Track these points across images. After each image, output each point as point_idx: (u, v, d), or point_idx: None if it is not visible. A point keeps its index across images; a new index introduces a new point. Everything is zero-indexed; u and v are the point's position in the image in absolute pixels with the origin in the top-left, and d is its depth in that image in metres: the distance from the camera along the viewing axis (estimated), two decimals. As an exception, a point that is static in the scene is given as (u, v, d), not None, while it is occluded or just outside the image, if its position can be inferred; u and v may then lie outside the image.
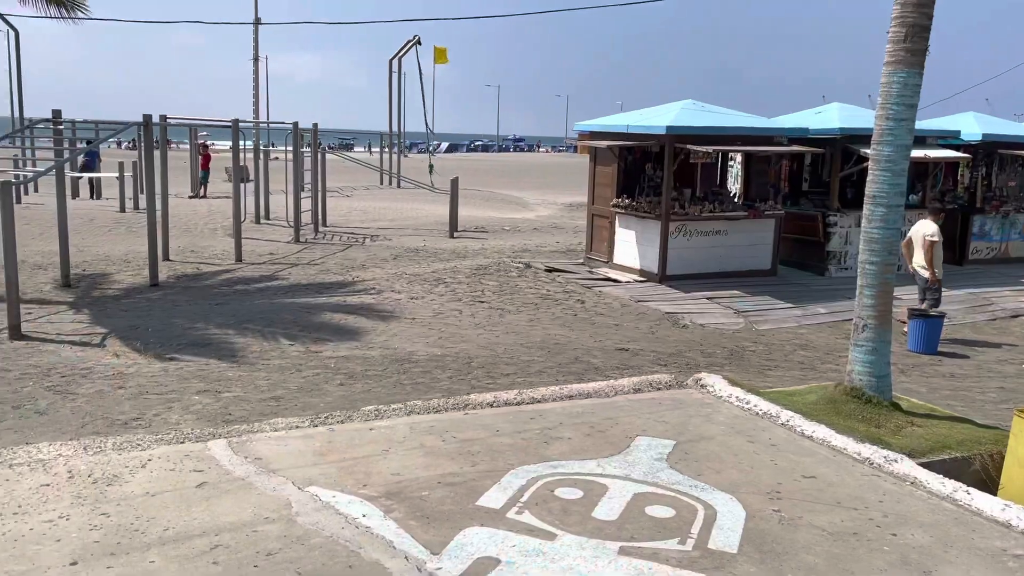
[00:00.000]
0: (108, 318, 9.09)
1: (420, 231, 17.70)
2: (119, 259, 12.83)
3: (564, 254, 14.78)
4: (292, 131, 15.68)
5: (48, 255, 12.27)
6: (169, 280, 11.44)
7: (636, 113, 13.28)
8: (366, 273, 12.39)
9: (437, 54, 33.99)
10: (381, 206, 22.34)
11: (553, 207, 25.91)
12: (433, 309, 10.09)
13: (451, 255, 14.41)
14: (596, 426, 4.67)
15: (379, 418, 4.59)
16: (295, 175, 15.73)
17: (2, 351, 7.58)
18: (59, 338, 8.14)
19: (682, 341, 9.24)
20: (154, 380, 6.92)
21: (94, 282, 11.25)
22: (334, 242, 15.76)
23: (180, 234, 14.91)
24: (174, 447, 4.03)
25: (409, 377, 7.42)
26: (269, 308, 9.85)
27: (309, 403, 6.57)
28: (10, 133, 10.29)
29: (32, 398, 6.25)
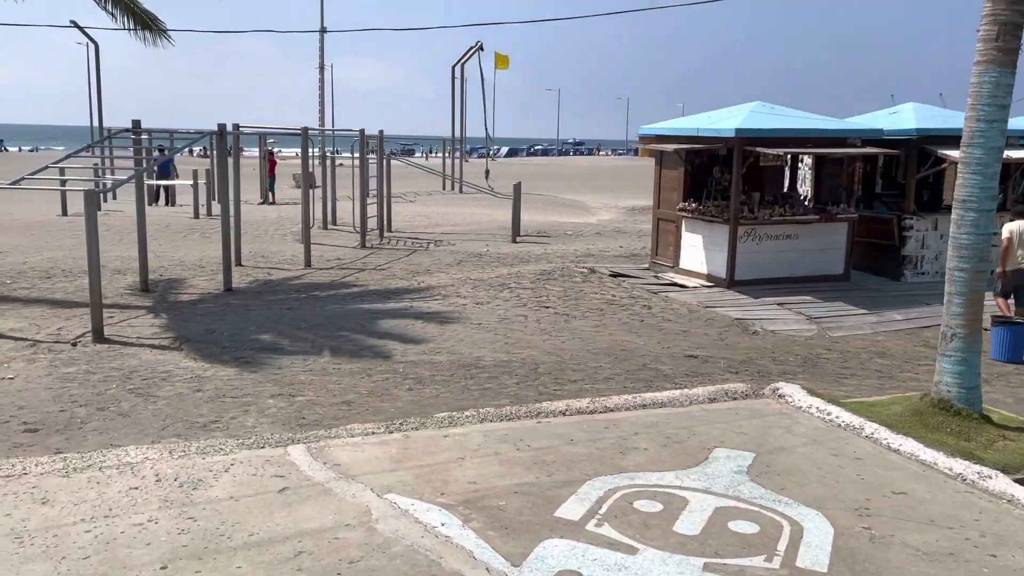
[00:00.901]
0: (185, 322, 9.34)
1: (482, 236, 17.76)
2: (194, 264, 13.19)
3: (628, 259, 14.64)
4: (359, 138, 15.91)
5: (127, 260, 12.69)
6: (242, 285, 11.70)
7: (703, 116, 13.08)
8: (431, 278, 12.47)
9: (498, 60, 34.16)
10: (444, 211, 22.51)
11: (615, 211, 25.74)
12: (498, 314, 10.09)
13: (514, 260, 14.42)
14: (672, 436, 4.58)
15: (453, 425, 4.59)
16: (362, 181, 15.95)
17: (86, 354, 7.85)
18: (139, 342, 8.39)
19: (753, 348, 9.04)
20: (230, 384, 7.07)
21: (170, 287, 11.59)
22: (399, 247, 15.92)
23: (251, 240, 15.27)
24: (255, 452, 4.10)
25: (476, 383, 7.42)
26: (339, 313, 9.99)
27: (380, 408, 6.62)
28: (94, 143, 10.69)
29: (115, 400, 6.45)
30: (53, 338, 8.41)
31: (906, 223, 12.74)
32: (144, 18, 11.99)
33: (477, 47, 29.11)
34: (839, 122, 12.95)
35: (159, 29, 12.19)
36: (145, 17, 11.99)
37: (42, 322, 9.10)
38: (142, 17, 11.97)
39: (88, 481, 3.61)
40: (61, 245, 14.51)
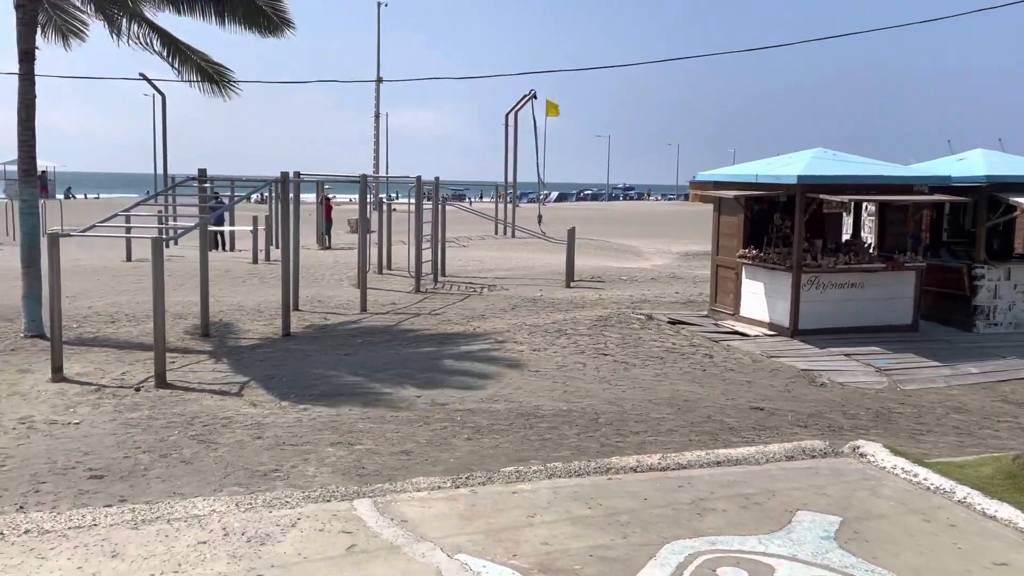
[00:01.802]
0: (245, 367, 9.39)
1: (536, 281, 17.69)
2: (252, 309, 13.35)
3: (685, 305, 14.39)
4: (415, 184, 16.07)
5: (187, 305, 12.90)
6: (299, 330, 11.78)
7: (763, 162, 12.90)
8: (486, 324, 12.40)
9: (549, 107, 34.48)
10: (496, 255, 22.55)
11: (668, 256, 25.50)
12: (556, 362, 9.94)
13: (569, 305, 14.28)
14: (751, 497, 4.37)
15: (520, 480, 4.45)
16: (416, 226, 16.07)
17: (149, 399, 7.91)
18: (200, 387, 8.45)
19: (821, 401, 8.72)
20: (289, 431, 7.03)
21: (230, 331, 11.72)
22: (453, 292, 15.93)
23: (308, 284, 15.44)
24: (321, 505, 4.01)
25: (536, 433, 7.26)
26: (395, 359, 9.95)
27: (439, 458, 6.50)
28: (161, 191, 11.00)
29: (178, 447, 6.45)
30: (117, 383, 8.52)
31: (977, 272, 12.29)
32: (209, 71, 12.35)
33: (530, 95, 29.45)
34: (905, 168, 12.64)
35: (226, 81, 12.54)
36: (211, 71, 12.36)
37: (107, 367, 9.24)
38: (208, 71, 12.34)
39: (157, 534, 3.56)
40: (125, 290, 14.85)
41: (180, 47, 11.93)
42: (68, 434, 6.64)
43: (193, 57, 12.16)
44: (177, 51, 11.99)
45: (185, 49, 11.90)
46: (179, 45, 11.89)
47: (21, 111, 10.67)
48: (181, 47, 11.93)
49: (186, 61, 12.18)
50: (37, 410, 7.38)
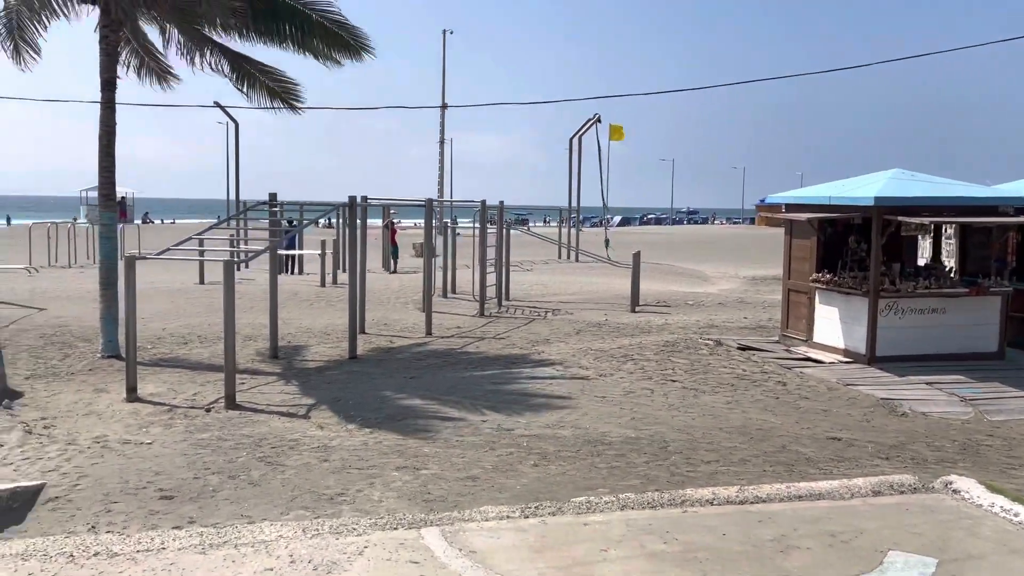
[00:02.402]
0: (312, 389, 9.45)
1: (600, 305, 17.49)
2: (320, 332, 13.49)
3: (754, 331, 14.00)
4: (480, 209, 16.11)
5: (257, 327, 13.11)
6: (366, 353, 11.84)
7: (837, 184, 12.51)
8: (551, 348, 12.26)
9: (613, 131, 34.34)
10: (560, 280, 22.42)
11: (735, 281, 24.97)
12: (623, 388, 9.73)
13: (635, 330, 14.04)
14: (837, 535, 4.12)
15: (592, 511, 4.30)
16: (481, 250, 16.09)
17: (219, 420, 8.01)
18: (269, 408, 8.52)
19: (903, 431, 8.30)
20: (355, 454, 7.00)
21: (298, 353, 11.85)
22: (517, 316, 15.85)
23: (374, 307, 15.56)
24: (388, 533, 3.93)
25: (604, 460, 7.08)
26: (460, 383, 9.89)
27: (505, 485, 6.38)
28: (233, 215, 11.26)
29: (246, 468, 6.48)
30: (188, 403, 8.66)
31: (1070, 297, 11.63)
32: (277, 90, 12.64)
33: (595, 119, 29.41)
34: (988, 189, 12.10)
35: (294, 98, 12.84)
36: (278, 89, 12.65)
37: (179, 387, 9.41)
38: (275, 90, 12.65)
39: (224, 559, 3.53)
40: (197, 312, 15.21)
41: (249, 69, 12.26)
42: (140, 454, 6.74)
43: (261, 78, 12.47)
44: (246, 74, 12.33)
45: (255, 71, 12.22)
46: (248, 67, 12.22)
47: (102, 138, 11.07)
48: (249, 68, 12.26)
49: (254, 84, 12.51)
50: (111, 429, 7.53)
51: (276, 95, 12.59)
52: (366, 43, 11.76)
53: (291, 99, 12.70)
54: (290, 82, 12.61)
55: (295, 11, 11.28)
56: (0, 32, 10.88)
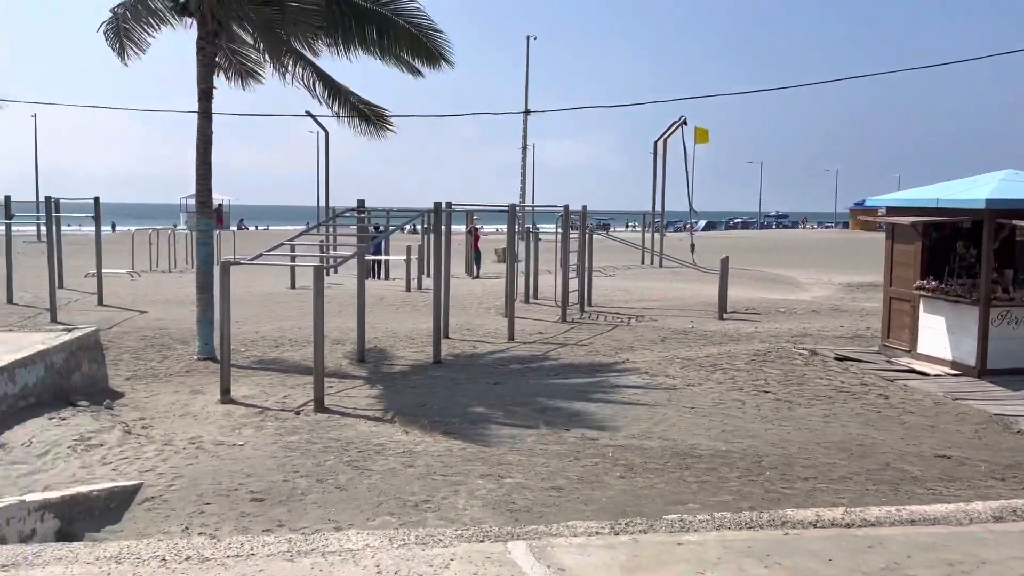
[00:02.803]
0: (397, 394, 9.50)
1: (686, 311, 17.10)
2: (405, 336, 13.62)
3: (851, 340, 13.40)
4: (562, 214, 15.98)
5: (345, 331, 13.32)
6: (449, 358, 11.86)
7: (942, 185, 11.84)
8: (635, 355, 12.02)
9: (698, 134, 33.68)
10: (644, 285, 22.06)
11: (829, 287, 24.06)
12: (712, 398, 9.42)
13: (723, 338, 13.65)
14: (956, 565, 3.80)
15: (685, 531, 4.10)
16: (563, 256, 15.95)
17: (308, 423, 8.11)
18: (355, 412, 8.59)
19: (1020, 450, 7.74)
20: (440, 460, 6.97)
21: (384, 357, 11.97)
22: (599, 322, 15.64)
23: (457, 313, 15.61)
24: (475, 546, 3.84)
25: (693, 474, 6.84)
26: (543, 389, 9.77)
27: (591, 496, 6.22)
28: (323, 221, 11.49)
29: (333, 472, 6.52)
30: (279, 405, 8.82)
31: None
32: (366, 112, 12.87)
33: (680, 121, 28.90)
34: (1114, 189, 11.21)
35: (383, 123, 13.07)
36: (368, 112, 12.87)
37: (270, 389, 9.61)
38: (364, 112, 12.86)
39: (311, 567, 3.50)
40: (289, 316, 15.59)
41: (339, 89, 12.51)
42: (233, 455, 6.87)
43: (351, 99, 12.71)
44: (337, 93, 12.58)
45: (344, 91, 12.47)
46: (339, 87, 12.47)
47: (199, 147, 11.45)
48: (340, 89, 12.51)
49: (345, 103, 12.75)
50: (206, 430, 7.72)
51: (362, 115, 12.82)
52: (445, 51, 11.81)
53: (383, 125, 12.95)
54: (377, 106, 12.88)
55: (383, 18, 11.45)
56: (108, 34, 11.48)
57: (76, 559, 3.23)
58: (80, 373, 8.74)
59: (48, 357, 8.12)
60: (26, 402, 7.57)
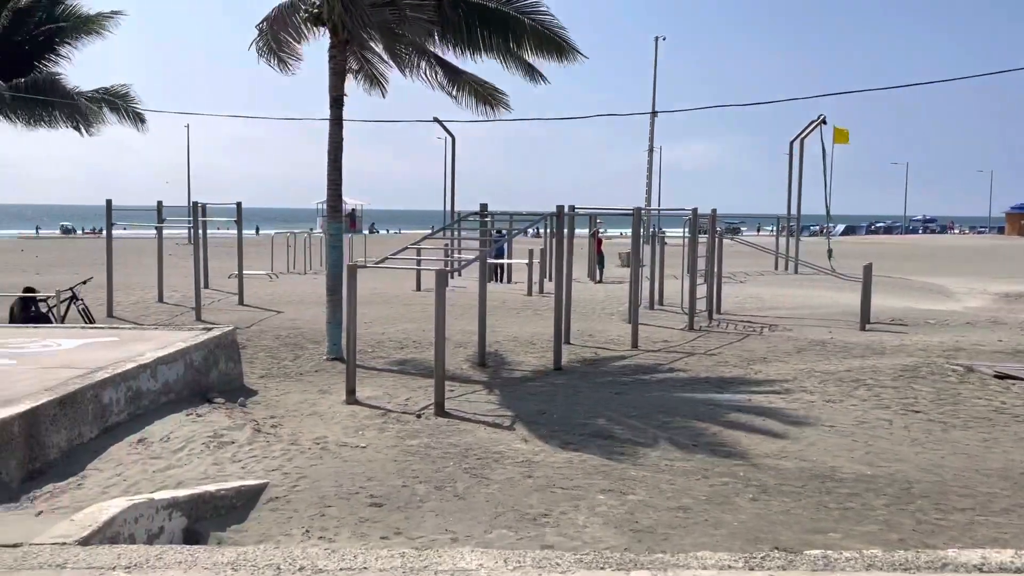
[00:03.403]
0: (517, 400, 9.37)
1: (824, 321, 16.13)
2: (526, 340, 13.51)
3: (1013, 356, 12.19)
4: (691, 217, 15.45)
5: (466, 334, 13.35)
6: (570, 364, 11.65)
7: None
8: (769, 368, 11.39)
9: (837, 134, 31.96)
10: (777, 292, 21.06)
11: (984, 297, 22.20)
12: (855, 416, 8.75)
13: (865, 351, 12.74)
14: None
15: (830, 569, 3.71)
16: (691, 261, 15.42)
17: (428, 427, 8.10)
18: (475, 418, 8.52)
19: None
20: (559, 472, 6.76)
21: (504, 362, 11.89)
22: (729, 331, 14.99)
23: (579, 318, 15.38)
24: (595, 573, 3.61)
25: (834, 499, 6.31)
26: (669, 401, 9.38)
27: (721, 520, 5.84)
28: (445, 226, 11.57)
29: (452, 480, 6.43)
30: (401, 408, 8.87)
31: None
32: (483, 93, 12.92)
33: (819, 120, 27.46)
34: None
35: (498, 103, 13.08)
36: (484, 92, 12.93)
37: (393, 391, 9.71)
38: (482, 93, 12.93)
39: (424, 585, 3.37)
40: (414, 318, 15.84)
41: (459, 73, 12.65)
42: (355, 457, 6.92)
43: (469, 82, 12.80)
44: (456, 78, 12.71)
45: (463, 75, 12.58)
46: (458, 72, 12.61)
47: (331, 152, 11.78)
48: (459, 73, 12.65)
49: (463, 86, 12.86)
50: (331, 431, 7.84)
51: (483, 99, 12.88)
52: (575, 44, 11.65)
53: (499, 105, 12.95)
54: (497, 89, 12.89)
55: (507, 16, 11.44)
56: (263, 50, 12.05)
57: (195, 563, 3.23)
58: (217, 371, 9.10)
59: (188, 355, 8.49)
60: (167, 398, 7.93)
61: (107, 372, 7.15)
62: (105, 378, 6.99)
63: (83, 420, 6.55)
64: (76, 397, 6.49)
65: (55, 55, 15.88)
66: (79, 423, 6.49)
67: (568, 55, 11.85)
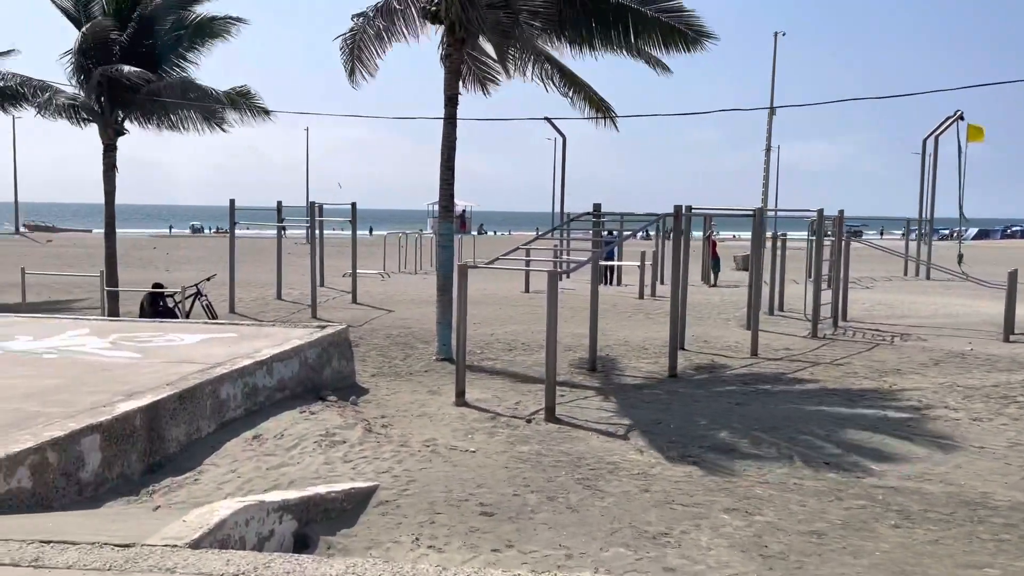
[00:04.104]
0: (631, 408, 9.00)
1: (961, 331, 14.92)
2: (637, 345, 13.08)
3: None
4: (816, 218, 14.61)
5: (576, 337, 13.04)
6: (685, 371, 11.16)
7: None
8: (904, 381, 10.55)
9: (971, 132, 29.78)
10: (907, 299, 19.72)
11: None
12: (1007, 437, 7.93)
13: (1012, 364, 11.65)
14: None
15: (1003, 618, 3.21)
16: (816, 265, 14.57)
17: (539, 433, 7.85)
18: (587, 425, 8.21)
19: None
20: (678, 487, 6.37)
21: (615, 367, 11.52)
22: (856, 340, 14.07)
23: (694, 323, 14.80)
24: (728, 607, 3.24)
25: (988, 529, 5.66)
26: (795, 415, 8.78)
27: (861, 548, 5.32)
28: (556, 226, 11.32)
29: (564, 490, 6.15)
30: (511, 412, 8.66)
31: None
32: (598, 103, 12.61)
33: (956, 116, 25.63)
34: None
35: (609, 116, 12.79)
36: (599, 103, 12.61)
37: (502, 394, 9.52)
38: (597, 103, 12.61)
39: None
40: (522, 319, 15.67)
41: (577, 81, 12.29)
42: (465, 462, 6.74)
43: (587, 91, 12.45)
44: (574, 84, 12.38)
45: (581, 83, 12.23)
46: (576, 80, 12.25)
47: (443, 152, 11.72)
48: (578, 81, 12.29)
49: (580, 92, 12.54)
50: (440, 433, 7.71)
51: (596, 105, 12.52)
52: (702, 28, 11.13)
53: (608, 114, 12.64)
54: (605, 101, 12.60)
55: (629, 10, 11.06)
56: (343, 53, 12.01)
57: (303, 573, 3.08)
58: (331, 368, 9.16)
59: (303, 352, 8.56)
60: (282, 394, 8.00)
61: (225, 368, 7.27)
62: (223, 374, 7.09)
63: (201, 415, 6.65)
64: (195, 392, 6.59)
65: (183, 59, 16.60)
66: (197, 417, 6.59)
67: (697, 44, 11.34)
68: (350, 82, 12.14)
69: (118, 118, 16.59)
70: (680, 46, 11.46)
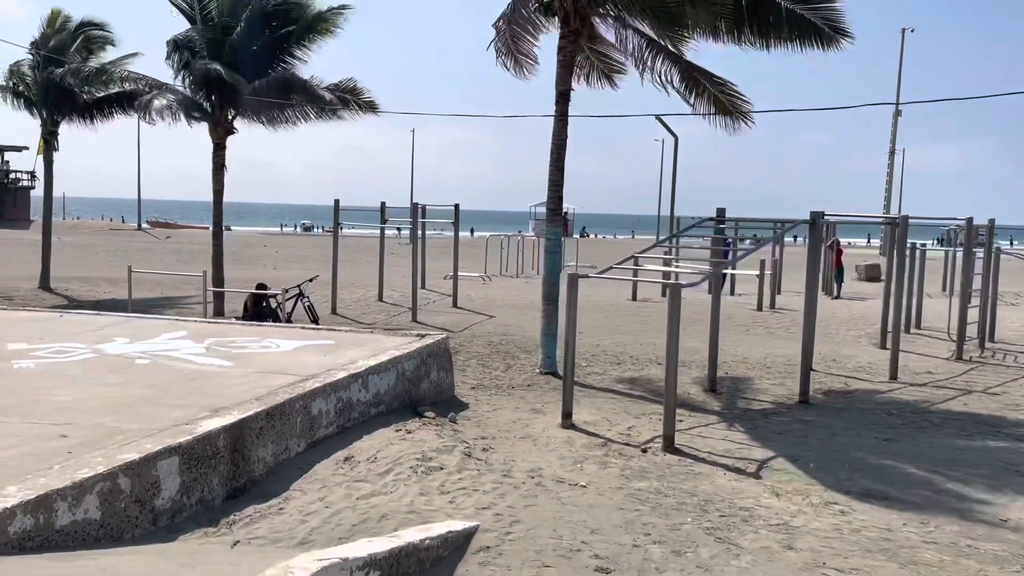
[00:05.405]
0: (760, 439, 8.00)
1: None
2: (758, 363, 11.99)
3: None
4: (965, 227, 13.09)
5: (689, 351, 12.03)
6: (817, 395, 10.02)
7: None
8: (1080, 417, 9.10)
9: None
10: (1063, 319, 17.66)
11: None
12: None
13: None
14: None
15: None
16: (963, 279, 13.06)
17: (656, 465, 6.99)
18: (711, 458, 7.29)
19: None
20: (828, 544, 5.39)
21: (736, 388, 10.50)
22: (1009, 364, 12.51)
23: (820, 339, 13.43)
24: None
25: None
26: (957, 456, 7.58)
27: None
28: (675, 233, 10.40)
29: (692, 542, 5.27)
30: (623, 438, 7.83)
31: None
32: (724, 103, 11.42)
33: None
34: None
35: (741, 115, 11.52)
36: (726, 101, 11.42)
37: (613, 416, 8.70)
38: (723, 103, 11.43)
39: None
40: (630, 329, 14.76)
41: (697, 78, 11.20)
42: (575, 500, 5.96)
43: (709, 88, 11.34)
44: (695, 83, 11.28)
45: (703, 77, 11.14)
46: (697, 75, 11.17)
47: (553, 151, 10.97)
48: (698, 78, 11.20)
49: (703, 93, 11.42)
50: (546, 460, 6.96)
51: (722, 106, 11.39)
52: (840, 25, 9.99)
53: (739, 110, 11.42)
54: (739, 94, 11.36)
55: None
56: (500, 51, 11.45)
57: None
58: (428, 381, 8.56)
59: (400, 364, 7.99)
60: (376, 409, 7.45)
61: (318, 381, 6.74)
62: (315, 388, 6.56)
63: (291, 433, 6.13)
64: (285, 408, 6.08)
65: (291, 56, 16.52)
66: (286, 436, 6.07)
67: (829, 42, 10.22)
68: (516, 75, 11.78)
69: (228, 116, 16.65)
70: (816, 43, 10.34)
